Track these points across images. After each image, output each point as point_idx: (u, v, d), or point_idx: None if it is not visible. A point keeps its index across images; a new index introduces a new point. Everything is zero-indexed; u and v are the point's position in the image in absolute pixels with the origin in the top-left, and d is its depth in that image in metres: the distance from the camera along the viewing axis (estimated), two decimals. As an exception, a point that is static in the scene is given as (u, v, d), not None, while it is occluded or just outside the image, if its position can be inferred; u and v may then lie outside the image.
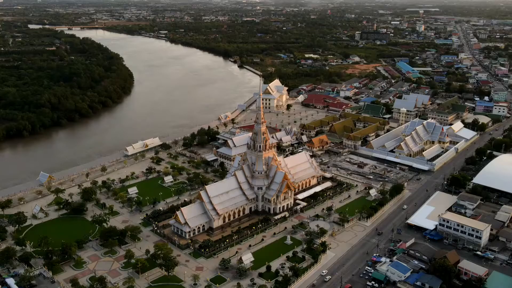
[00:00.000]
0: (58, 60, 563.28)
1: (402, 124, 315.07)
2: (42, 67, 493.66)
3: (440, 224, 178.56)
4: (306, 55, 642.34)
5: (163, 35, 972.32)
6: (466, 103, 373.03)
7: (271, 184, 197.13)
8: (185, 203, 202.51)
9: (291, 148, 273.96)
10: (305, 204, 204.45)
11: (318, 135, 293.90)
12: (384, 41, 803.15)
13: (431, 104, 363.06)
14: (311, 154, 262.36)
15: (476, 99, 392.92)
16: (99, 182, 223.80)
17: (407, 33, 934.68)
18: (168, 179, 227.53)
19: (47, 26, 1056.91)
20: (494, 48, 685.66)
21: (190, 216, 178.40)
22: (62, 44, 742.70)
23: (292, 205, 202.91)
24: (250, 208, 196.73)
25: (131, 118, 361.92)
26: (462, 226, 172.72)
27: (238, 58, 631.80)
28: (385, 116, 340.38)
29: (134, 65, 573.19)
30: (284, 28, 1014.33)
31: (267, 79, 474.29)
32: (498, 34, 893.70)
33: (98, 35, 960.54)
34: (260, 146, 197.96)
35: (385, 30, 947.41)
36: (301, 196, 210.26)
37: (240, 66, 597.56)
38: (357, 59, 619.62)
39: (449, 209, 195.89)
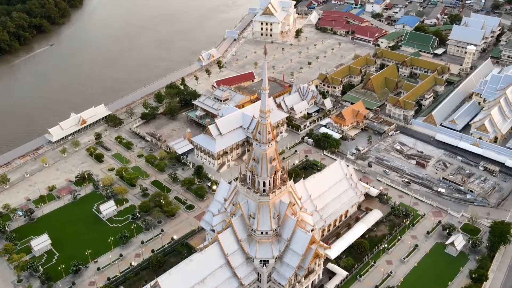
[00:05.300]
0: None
1: (468, 69, 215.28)
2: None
3: None
4: None
5: None
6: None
7: (286, 252, 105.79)
8: (128, 275, 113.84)
9: (307, 123, 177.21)
10: (344, 274, 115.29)
11: (345, 93, 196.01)
12: None
13: (499, 30, 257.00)
14: (340, 134, 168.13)
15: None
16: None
17: None
18: (108, 207, 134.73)
19: None
20: None
21: None
22: None
23: (321, 277, 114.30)
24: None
25: (75, 56, 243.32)
26: None
27: None
28: (436, 52, 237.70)
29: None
30: None
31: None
32: None
33: None
34: (264, 183, 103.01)
35: None
36: (334, 251, 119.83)
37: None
38: None
39: None
